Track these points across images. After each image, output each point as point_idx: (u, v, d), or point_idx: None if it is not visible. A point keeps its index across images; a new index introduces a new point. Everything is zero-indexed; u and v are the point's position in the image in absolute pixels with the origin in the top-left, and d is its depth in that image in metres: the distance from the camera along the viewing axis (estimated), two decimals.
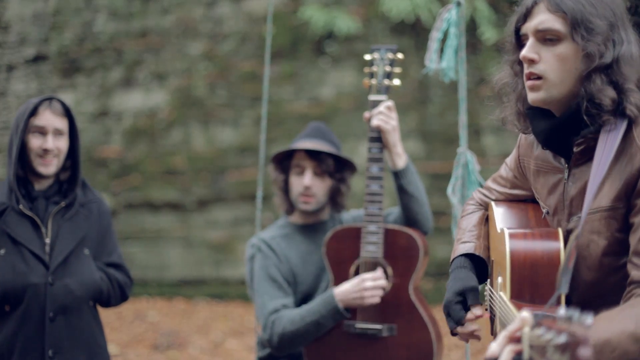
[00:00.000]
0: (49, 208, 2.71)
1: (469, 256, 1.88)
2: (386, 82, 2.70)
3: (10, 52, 8.46)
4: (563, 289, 1.45)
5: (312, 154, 2.75)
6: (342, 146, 2.99)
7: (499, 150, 7.14)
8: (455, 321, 1.81)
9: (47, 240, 2.68)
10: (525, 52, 1.65)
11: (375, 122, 2.63)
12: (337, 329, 2.66)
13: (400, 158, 2.69)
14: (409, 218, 2.73)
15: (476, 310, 1.79)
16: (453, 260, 1.90)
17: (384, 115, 2.64)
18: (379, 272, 2.62)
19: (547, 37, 1.62)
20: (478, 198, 2.03)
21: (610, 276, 1.63)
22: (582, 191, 1.63)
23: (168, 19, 8.08)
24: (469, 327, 1.81)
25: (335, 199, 2.83)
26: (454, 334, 1.86)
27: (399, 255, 2.64)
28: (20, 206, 2.67)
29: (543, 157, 1.79)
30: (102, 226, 2.84)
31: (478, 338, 1.85)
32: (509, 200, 1.94)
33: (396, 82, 2.71)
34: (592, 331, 1.34)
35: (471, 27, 7.00)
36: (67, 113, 2.74)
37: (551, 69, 1.62)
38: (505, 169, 1.97)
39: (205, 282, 7.83)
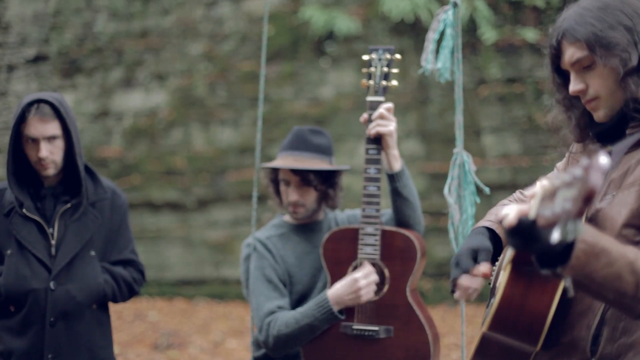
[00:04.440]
0: (57, 207, 2.71)
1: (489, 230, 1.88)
2: (384, 82, 2.69)
3: (11, 52, 8.47)
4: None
5: (295, 169, 2.74)
6: (340, 147, 2.98)
7: (499, 151, 7.13)
8: (463, 269, 1.76)
9: (53, 242, 2.68)
10: (572, 87, 1.74)
11: (373, 130, 2.63)
12: (335, 330, 2.66)
13: (397, 161, 2.68)
14: (401, 221, 2.73)
15: (484, 266, 1.76)
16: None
17: (383, 119, 2.64)
18: (368, 267, 2.61)
19: (584, 65, 1.70)
20: (517, 197, 2.06)
21: None
22: (624, 174, 1.68)
23: (168, 20, 8.08)
24: (473, 280, 1.75)
25: (326, 202, 2.83)
26: (453, 289, 1.79)
27: (396, 256, 2.64)
28: (24, 210, 2.66)
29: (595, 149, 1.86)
30: (113, 223, 2.81)
31: (473, 296, 1.80)
32: None
33: (394, 82, 2.71)
34: (596, 234, 1.42)
35: (471, 27, 7.00)
36: (57, 113, 2.67)
37: (600, 88, 1.71)
38: (554, 172, 2.01)
39: (205, 282, 7.84)
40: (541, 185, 1.34)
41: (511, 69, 7.12)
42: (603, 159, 1.19)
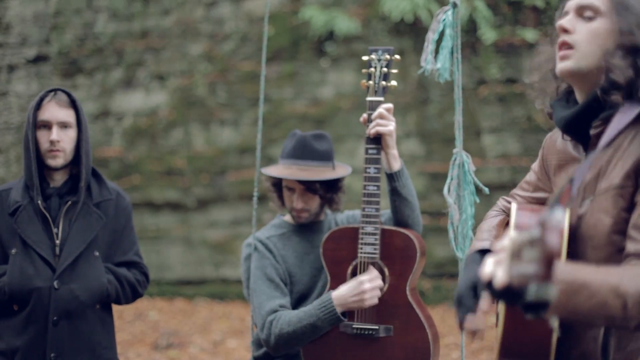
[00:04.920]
0: (62, 207, 2.71)
1: (484, 253, 1.89)
2: (383, 83, 2.70)
3: (11, 52, 8.47)
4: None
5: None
6: (340, 147, 2.98)
7: (499, 151, 7.14)
8: (468, 308, 1.78)
9: (57, 242, 2.68)
10: (561, 21, 1.72)
11: (373, 130, 2.63)
12: (335, 329, 2.66)
13: (396, 160, 2.69)
14: (400, 221, 2.74)
15: (484, 302, 1.74)
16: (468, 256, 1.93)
17: (383, 119, 2.64)
18: (374, 272, 2.62)
19: (585, 14, 1.70)
20: (502, 205, 2.07)
21: (614, 257, 1.63)
22: (597, 176, 1.67)
23: (168, 20, 8.09)
24: (478, 320, 1.76)
25: (330, 206, 2.85)
26: (461, 326, 1.83)
27: (395, 256, 2.65)
28: (39, 201, 2.67)
29: (564, 149, 1.84)
30: (118, 225, 2.82)
31: (482, 336, 1.83)
32: (531, 203, 1.96)
33: (393, 83, 2.72)
34: (573, 270, 1.40)
35: (471, 28, 7.01)
36: (73, 104, 2.73)
37: (583, 40, 1.69)
38: (530, 174, 2.02)
39: (205, 282, 7.84)
40: (509, 240, 1.33)
41: (511, 69, 7.13)
42: (558, 217, 1.19)
